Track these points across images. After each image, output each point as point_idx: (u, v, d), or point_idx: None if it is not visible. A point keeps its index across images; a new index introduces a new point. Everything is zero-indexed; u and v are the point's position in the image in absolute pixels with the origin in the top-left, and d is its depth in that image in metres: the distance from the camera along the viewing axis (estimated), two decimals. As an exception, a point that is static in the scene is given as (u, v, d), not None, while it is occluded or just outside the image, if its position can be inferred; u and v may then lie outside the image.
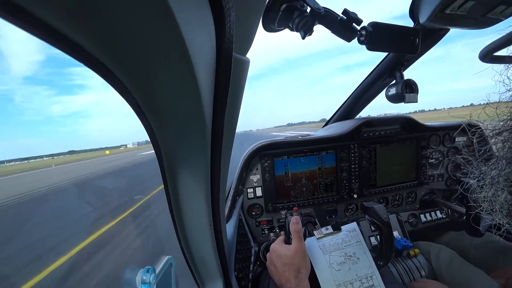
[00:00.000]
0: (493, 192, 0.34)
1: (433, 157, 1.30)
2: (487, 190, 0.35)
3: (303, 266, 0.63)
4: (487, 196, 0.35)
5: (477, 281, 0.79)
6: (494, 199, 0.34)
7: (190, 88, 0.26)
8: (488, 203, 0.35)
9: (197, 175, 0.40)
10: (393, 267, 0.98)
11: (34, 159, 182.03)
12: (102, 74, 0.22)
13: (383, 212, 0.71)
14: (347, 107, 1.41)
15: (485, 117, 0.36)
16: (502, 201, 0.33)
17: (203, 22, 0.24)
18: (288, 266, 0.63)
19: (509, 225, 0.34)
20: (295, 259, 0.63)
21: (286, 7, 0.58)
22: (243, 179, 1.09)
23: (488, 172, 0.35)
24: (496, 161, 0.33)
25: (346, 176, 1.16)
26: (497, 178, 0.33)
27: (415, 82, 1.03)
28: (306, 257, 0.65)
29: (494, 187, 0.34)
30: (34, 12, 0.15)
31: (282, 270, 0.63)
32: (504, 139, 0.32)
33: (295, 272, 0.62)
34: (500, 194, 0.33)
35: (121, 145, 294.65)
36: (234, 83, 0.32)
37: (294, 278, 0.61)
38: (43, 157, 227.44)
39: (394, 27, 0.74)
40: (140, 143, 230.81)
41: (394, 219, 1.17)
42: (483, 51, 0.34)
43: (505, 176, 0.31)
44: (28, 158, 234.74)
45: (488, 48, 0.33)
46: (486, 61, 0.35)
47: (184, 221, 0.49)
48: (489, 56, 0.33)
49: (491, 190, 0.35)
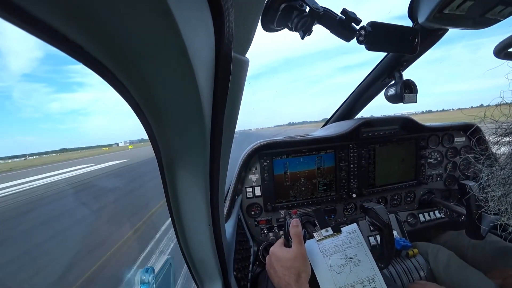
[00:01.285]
0: (504, 192, 0.33)
1: (432, 157, 1.30)
2: (496, 190, 0.34)
3: (303, 270, 0.62)
4: (495, 196, 0.34)
5: (475, 281, 0.79)
6: (503, 199, 0.33)
7: (190, 88, 0.26)
8: (496, 203, 0.35)
9: (196, 174, 0.40)
10: (392, 267, 0.98)
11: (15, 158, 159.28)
12: (102, 74, 0.22)
13: (383, 213, 0.71)
14: (346, 107, 1.41)
15: (498, 115, 0.34)
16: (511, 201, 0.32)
17: (202, 22, 0.24)
18: (288, 270, 0.62)
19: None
20: (296, 262, 0.62)
21: (285, 7, 0.58)
22: (242, 179, 1.09)
23: (498, 172, 0.34)
24: (508, 161, 0.32)
25: (345, 176, 1.16)
26: (508, 179, 0.32)
27: (414, 83, 1.03)
28: (306, 261, 0.64)
29: (506, 187, 0.33)
30: (34, 12, 0.15)
31: (282, 274, 0.62)
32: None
33: (296, 276, 0.61)
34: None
35: (112, 144, 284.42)
36: (233, 83, 0.32)
37: (295, 282, 0.60)
38: (27, 156, 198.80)
39: (393, 27, 0.74)
40: (132, 141, 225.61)
41: (393, 219, 1.17)
42: (498, 47, 0.33)
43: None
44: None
45: (503, 44, 0.32)
46: (500, 57, 0.34)
47: (183, 221, 0.49)
48: (504, 51, 0.32)
49: (500, 189, 0.34)
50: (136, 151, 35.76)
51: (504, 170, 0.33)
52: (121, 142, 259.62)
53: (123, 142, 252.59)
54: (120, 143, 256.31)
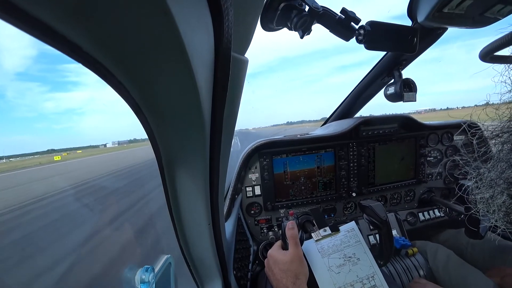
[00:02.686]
0: (491, 194, 0.34)
1: (431, 155, 1.30)
2: (484, 192, 0.35)
3: (300, 272, 0.62)
4: (484, 197, 0.35)
5: (474, 280, 0.80)
6: (491, 201, 0.34)
7: (189, 88, 0.26)
8: (485, 204, 0.35)
9: (196, 174, 0.40)
10: (391, 266, 0.98)
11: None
12: (101, 75, 0.22)
13: (381, 210, 0.70)
14: (346, 106, 1.42)
15: (485, 118, 0.35)
16: (500, 203, 0.33)
17: (202, 21, 0.24)
18: (286, 273, 0.62)
19: (506, 227, 0.33)
20: (293, 265, 0.62)
21: (284, 6, 0.58)
22: (242, 178, 1.09)
23: (486, 174, 0.34)
24: (495, 163, 0.33)
25: (344, 175, 1.16)
26: (496, 180, 0.33)
27: (413, 81, 1.03)
28: (303, 263, 0.64)
29: (493, 189, 0.33)
30: (33, 12, 0.15)
31: (280, 277, 0.63)
32: (504, 141, 0.32)
33: (293, 278, 0.61)
34: (500, 196, 0.32)
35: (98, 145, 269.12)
36: (232, 83, 0.32)
37: (292, 284, 0.60)
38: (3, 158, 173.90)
39: (392, 26, 0.74)
40: (122, 142, 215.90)
41: (392, 218, 1.17)
42: (484, 51, 0.33)
43: (505, 178, 0.31)
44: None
45: (488, 48, 0.32)
46: (486, 61, 0.34)
47: (183, 220, 0.49)
48: (490, 55, 0.33)
49: (488, 192, 0.34)
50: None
51: (491, 173, 0.33)
52: (109, 143, 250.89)
53: (111, 143, 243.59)
54: (108, 144, 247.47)
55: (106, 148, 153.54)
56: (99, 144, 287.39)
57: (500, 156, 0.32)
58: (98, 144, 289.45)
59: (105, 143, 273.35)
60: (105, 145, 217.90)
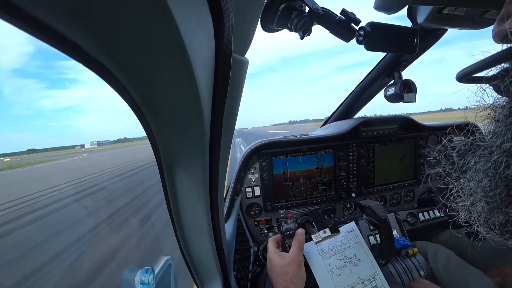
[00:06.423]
0: (471, 202, 0.36)
1: (431, 156, 1.30)
2: (465, 200, 0.37)
3: (296, 276, 0.61)
4: (466, 205, 0.37)
5: (474, 280, 0.80)
6: (472, 208, 0.36)
7: (189, 88, 0.26)
8: (466, 212, 0.37)
9: (196, 174, 0.40)
10: (392, 266, 0.98)
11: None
12: (101, 74, 0.22)
13: (380, 210, 0.70)
14: (345, 107, 1.42)
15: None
16: (479, 210, 0.35)
17: (202, 22, 0.24)
18: (281, 277, 0.62)
19: (486, 232, 0.36)
20: (290, 268, 0.62)
21: (284, 7, 0.57)
22: (241, 178, 1.09)
23: (466, 183, 0.37)
24: (474, 173, 0.35)
25: (344, 175, 1.16)
26: (475, 189, 0.35)
27: (413, 82, 1.03)
28: (301, 268, 0.63)
29: (473, 197, 0.36)
30: (32, 12, 0.15)
31: (276, 281, 0.63)
32: (480, 154, 0.34)
33: (286, 282, 0.60)
34: (478, 204, 0.35)
35: (75, 145, 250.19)
36: (233, 84, 0.32)
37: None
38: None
39: (393, 27, 0.74)
40: (101, 142, 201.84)
41: (392, 218, 1.17)
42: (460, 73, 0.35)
43: (482, 187, 0.33)
44: None
45: (465, 71, 0.34)
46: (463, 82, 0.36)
47: (182, 221, 0.49)
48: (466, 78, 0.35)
49: (469, 199, 0.36)
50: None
51: (470, 183, 0.36)
52: (87, 144, 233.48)
53: (90, 143, 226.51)
54: (86, 145, 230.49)
55: (89, 148, 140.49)
56: (75, 144, 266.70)
57: (478, 167, 0.34)
58: (75, 144, 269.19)
59: (82, 143, 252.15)
60: (82, 146, 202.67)
